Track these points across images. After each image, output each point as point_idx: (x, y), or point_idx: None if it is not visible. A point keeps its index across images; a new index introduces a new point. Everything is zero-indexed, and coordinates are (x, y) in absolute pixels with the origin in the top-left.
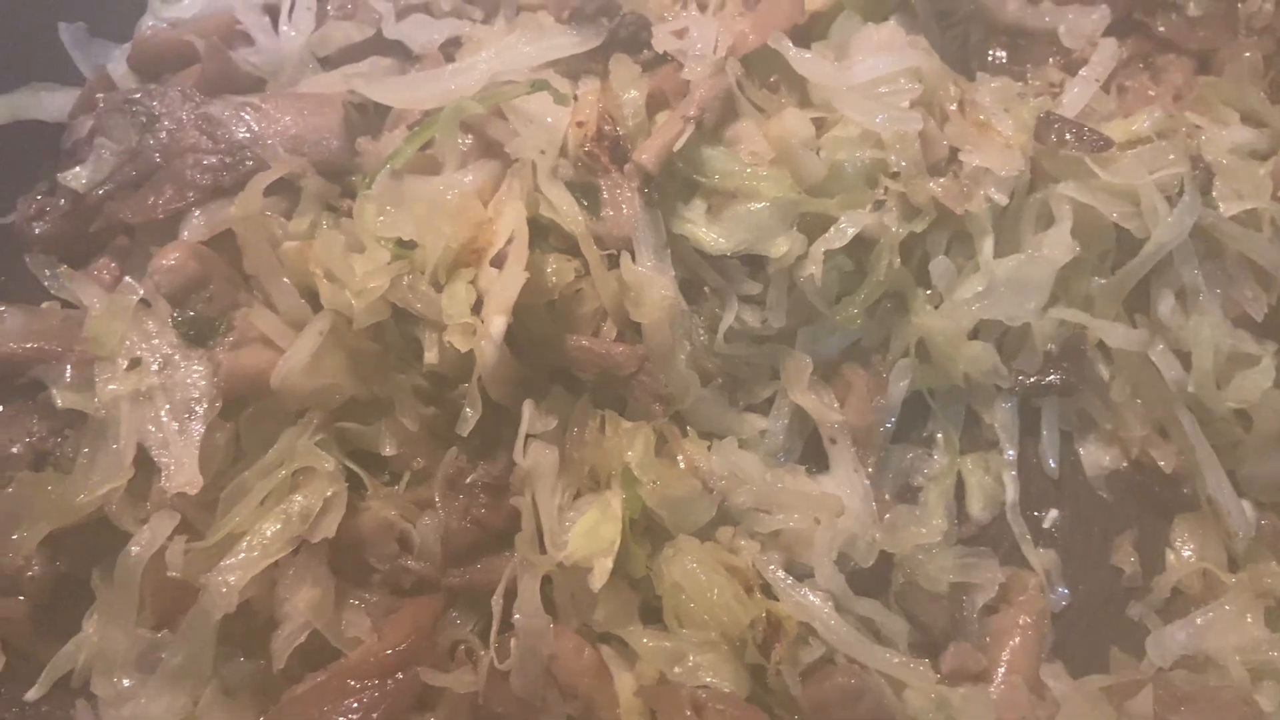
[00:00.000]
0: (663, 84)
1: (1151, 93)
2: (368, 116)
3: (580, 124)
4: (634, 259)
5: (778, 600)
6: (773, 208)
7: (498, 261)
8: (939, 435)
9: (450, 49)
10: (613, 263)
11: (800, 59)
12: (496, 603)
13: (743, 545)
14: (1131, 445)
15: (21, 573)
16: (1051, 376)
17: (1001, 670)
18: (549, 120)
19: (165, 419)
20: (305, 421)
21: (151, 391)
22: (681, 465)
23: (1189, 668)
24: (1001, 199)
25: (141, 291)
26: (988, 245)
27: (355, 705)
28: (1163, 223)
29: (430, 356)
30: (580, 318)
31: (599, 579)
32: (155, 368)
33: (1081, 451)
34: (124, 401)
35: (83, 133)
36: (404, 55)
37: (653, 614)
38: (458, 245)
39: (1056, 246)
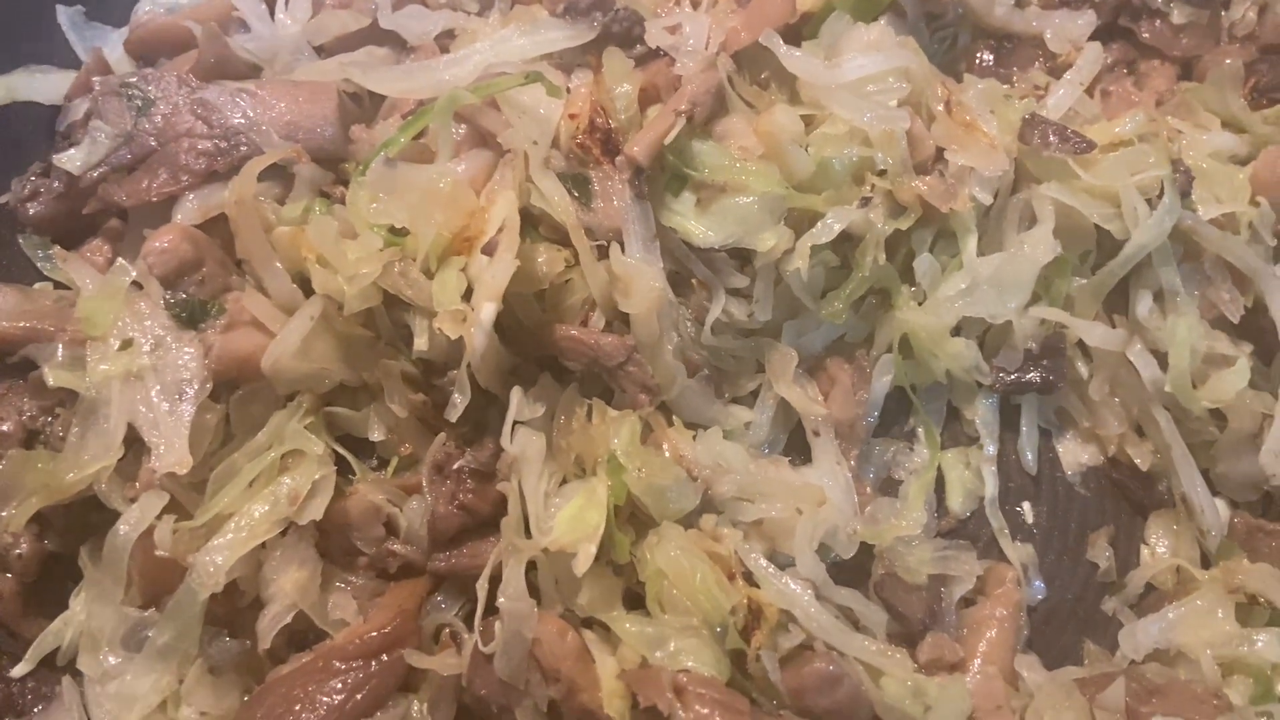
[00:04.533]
0: (655, 78)
1: (1135, 98)
2: (362, 105)
3: (573, 116)
4: (623, 250)
5: (759, 588)
6: (760, 202)
7: (489, 250)
8: (920, 430)
9: (445, 40)
10: (602, 253)
11: (790, 57)
12: (481, 587)
13: (725, 533)
14: (1109, 443)
15: (9, 550)
16: (1031, 374)
17: (977, 661)
18: (542, 112)
19: (156, 399)
20: (295, 405)
21: (143, 372)
22: (666, 454)
23: (1161, 661)
24: (985, 198)
25: (134, 273)
26: (971, 244)
27: (340, 686)
28: (1143, 225)
29: (420, 343)
30: (569, 307)
31: (583, 564)
32: (147, 349)
33: (1060, 448)
34: (115, 381)
35: (78, 115)
36: (399, 45)
37: (636, 600)
38: (449, 233)
39: (1038, 246)
